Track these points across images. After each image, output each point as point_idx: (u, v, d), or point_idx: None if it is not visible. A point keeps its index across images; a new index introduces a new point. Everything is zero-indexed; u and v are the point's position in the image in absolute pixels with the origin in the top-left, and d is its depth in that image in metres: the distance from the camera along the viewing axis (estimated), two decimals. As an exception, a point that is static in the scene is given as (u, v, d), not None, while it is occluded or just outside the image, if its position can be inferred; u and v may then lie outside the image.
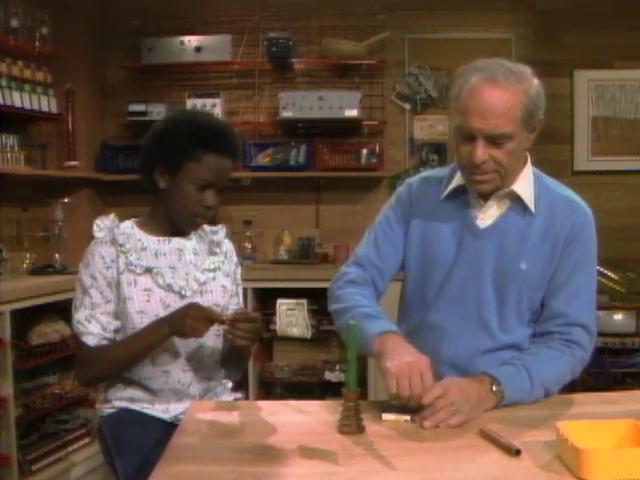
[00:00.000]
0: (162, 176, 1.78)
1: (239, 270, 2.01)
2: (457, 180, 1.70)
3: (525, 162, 1.68)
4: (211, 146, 1.74)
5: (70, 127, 3.76)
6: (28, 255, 3.45)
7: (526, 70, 1.57)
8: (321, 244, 4.17)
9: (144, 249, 1.81)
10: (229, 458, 1.28)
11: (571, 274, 1.63)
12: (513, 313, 1.66)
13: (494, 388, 1.48)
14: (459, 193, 1.70)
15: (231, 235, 3.97)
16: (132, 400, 1.81)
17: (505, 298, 1.65)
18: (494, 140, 1.53)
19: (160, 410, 1.79)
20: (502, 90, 1.51)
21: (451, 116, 1.67)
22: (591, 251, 1.67)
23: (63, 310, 2.98)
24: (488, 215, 1.67)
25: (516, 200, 1.66)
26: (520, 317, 1.67)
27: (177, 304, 1.76)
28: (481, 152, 1.54)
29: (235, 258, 1.99)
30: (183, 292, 1.79)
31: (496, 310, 1.66)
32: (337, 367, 3.79)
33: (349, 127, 4.13)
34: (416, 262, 1.75)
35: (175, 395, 1.81)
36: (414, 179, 1.83)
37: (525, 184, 1.66)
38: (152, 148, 1.80)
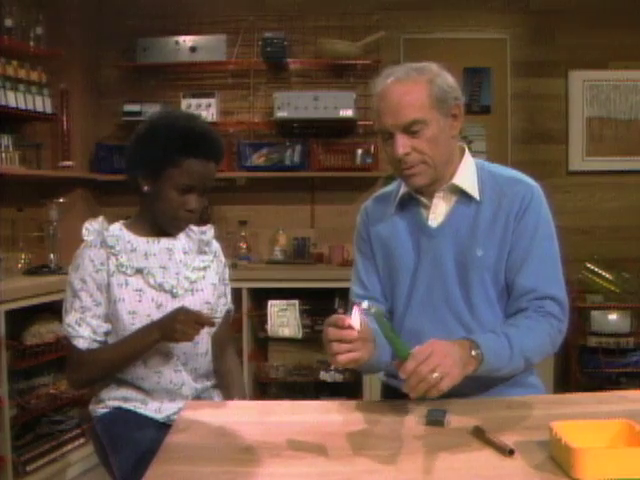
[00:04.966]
0: (144, 180, 1.78)
1: (227, 270, 2.01)
2: (403, 189, 1.75)
3: (462, 153, 1.73)
4: (191, 151, 1.72)
5: (65, 127, 3.76)
6: (23, 255, 3.45)
7: (430, 65, 1.67)
8: (316, 244, 4.18)
9: (134, 250, 1.81)
10: (223, 458, 1.28)
11: (529, 249, 1.65)
12: (481, 299, 1.67)
13: (473, 352, 1.47)
14: (408, 201, 1.75)
15: (226, 235, 4.01)
16: (125, 400, 1.81)
17: (470, 287, 1.67)
18: (409, 130, 1.61)
19: (152, 410, 1.80)
20: (404, 84, 1.61)
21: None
22: (545, 223, 1.68)
23: (58, 310, 2.92)
24: (438, 213, 1.71)
25: (460, 192, 1.70)
26: (489, 302, 1.68)
27: (169, 303, 1.77)
28: (401, 143, 1.61)
29: (223, 258, 2.00)
30: (174, 291, 1.80)
31: (463, 300, 1.68)
32: (332, 367, 3.79)
33: (344, 127, 4.13)
34: (384, 274, 1.78)
35: (168, 395, 1.81)
36: (367, 201, 1.88)
37: (465, 175, 1.70)
38: (134, 153, 1.80)
